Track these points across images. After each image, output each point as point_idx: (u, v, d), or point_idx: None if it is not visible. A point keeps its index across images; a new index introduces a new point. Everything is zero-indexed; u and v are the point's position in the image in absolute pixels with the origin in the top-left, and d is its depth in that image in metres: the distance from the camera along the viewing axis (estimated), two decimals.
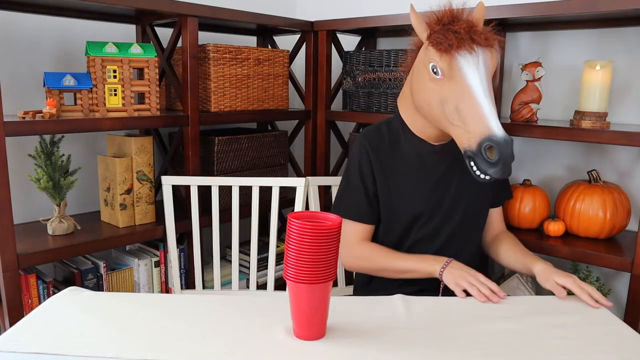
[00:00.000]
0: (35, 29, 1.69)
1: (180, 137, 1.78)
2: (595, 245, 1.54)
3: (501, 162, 1.11)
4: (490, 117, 1.12)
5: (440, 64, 1.16)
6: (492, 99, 1.14)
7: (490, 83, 1.17)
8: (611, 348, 0.88)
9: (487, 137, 1.11)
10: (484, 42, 1.16)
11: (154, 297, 1.09)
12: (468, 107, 1.14)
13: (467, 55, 1.15)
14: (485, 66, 1.16)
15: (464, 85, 1.14)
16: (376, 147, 1.36)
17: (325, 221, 0.89)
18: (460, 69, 1.15)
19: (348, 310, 1.00)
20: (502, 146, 1.10)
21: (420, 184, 1.35)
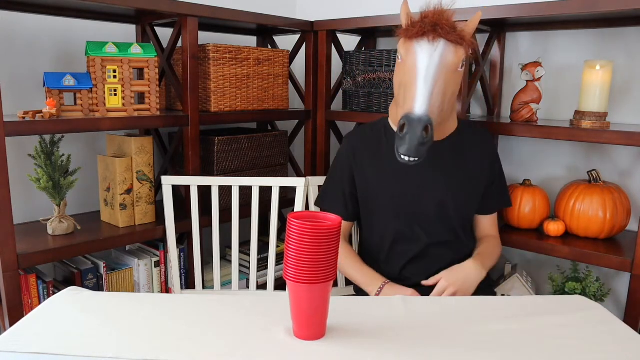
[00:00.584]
0: (35, 29, 1.69)
1: (180, 137, 1.78)
2: (595, 245, 1.54)
3: (407, 138, 1.12)
4: (419, 97, 1.14)
5: (401, 49, 1.22)
6: (432, 85, 1.16)
7: (443, 73, 1.18)
8: (611, 348, 0.88)
9: (405, 114, 1.15)
10: (446, 36, 1.17)
11: (154, 297, 1.09)
12: (407, 88, 1.18)
13: (424, 43, 1.18)
14: (441, 57, 1.18)
15: (411, 68, 1.18)
16: (358, 148, 1.42)
17: (325, 221, 0.89)
18: (414, 53, 1.19)
19: (348, 310, 1.00)
20: (411, 122, 1.12)
21: (398, 185, 1.37)
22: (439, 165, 1.37)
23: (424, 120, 1.12)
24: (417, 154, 1.13)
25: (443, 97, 1.19)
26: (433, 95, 1.16)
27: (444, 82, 1.19)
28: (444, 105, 1.21)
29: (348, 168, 1.43)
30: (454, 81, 1.22)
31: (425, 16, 1.20)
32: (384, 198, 1.38)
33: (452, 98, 1.26)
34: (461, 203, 1.39)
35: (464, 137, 1.42)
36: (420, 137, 1.11)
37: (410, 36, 1.20)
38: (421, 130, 1.11)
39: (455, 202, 1.38)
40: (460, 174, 1.39)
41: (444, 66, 1.18)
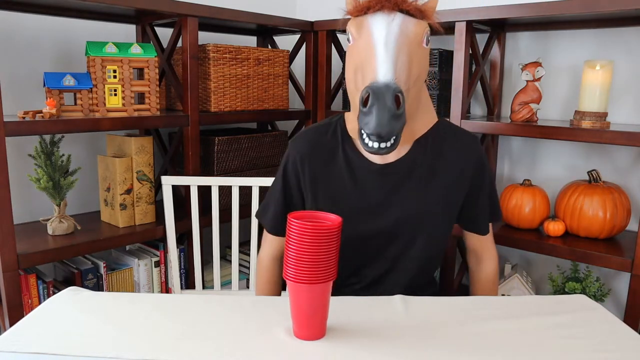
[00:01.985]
0: (35, 29, 1.69)
1: (180, 137, 1.78)
2: (595, 245, 1.54)
3: (374, 110, 0.88)
4: (380, 65, 0.92)
5: (351, 28, 1.01)
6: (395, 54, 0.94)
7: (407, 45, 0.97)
8: (611, 348, 0.88)
9: (367, 85, 0.91)
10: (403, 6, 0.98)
11: (154, 297, 1.09)
12: (367, 63, 0.95)
13: (379, 15, 0.98)
14: (400, 27, 0.97)
15: (367, 41, 0.97)
16: (307, 154, 1.15)
17: (325, 221, 0.89)
18: (369, 27, 0.98)
19: (348, 310, 0.99)
20: (376, 90, 0.88)
21: (356, 198, 1.13)
22: (408, 174, 1.11)
23: (393, 86, 0.88)
24: (389, 129, 0.89)
25: (408, 72, 0.96)
26: (397, 64, 0.93)
27: (408, 53, 0.96)
28: (410, 85, 0.98)
29: (294, 178, 1.17)
30: (418, 57, 0.99)
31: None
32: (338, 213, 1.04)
33: (418, 82, 1.01)
34: (433, 222, 1.14)
35: (443, 141, 1.14)
36: (391, 107, 0.88)
37: (360, 10, 0.99)
38: (391, 98, 0.88)
39: (425, 221, 1.13)
40: (434, 187, 1.13)
41: (405, 35, 0.96)
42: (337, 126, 1.17)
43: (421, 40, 1.00)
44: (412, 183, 1.12)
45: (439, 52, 1.76)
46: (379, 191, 1.12)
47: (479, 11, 1.60)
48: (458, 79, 1.68)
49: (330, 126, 1.18)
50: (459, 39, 1.66)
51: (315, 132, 1.18)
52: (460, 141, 1.15)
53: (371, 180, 1.12)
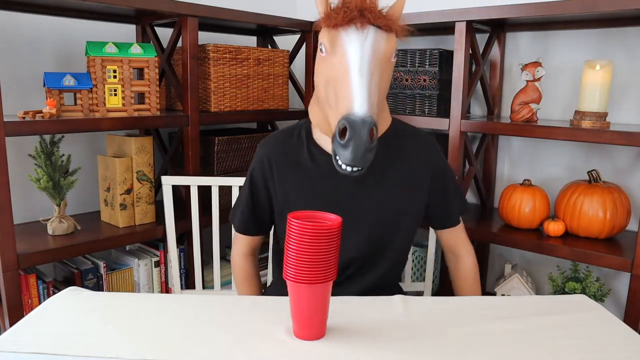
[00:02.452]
0: (35, 29, 1.69)
1: (180, 137, 1.78)
2: (595, 245, 1.54)
3: (351, 144, 0.94)
4: (357, 95, 0.97)
5: (325, 40, 1.04)
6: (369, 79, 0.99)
7: (378, 65, 1.02)
8: (611, 348, 0.88)
9: (344, 116, 0.96)
10: (376, 21, 1.02)
11: (154, 297, 1.09)
12: (341, 85, 1.00)
13: (352, 32, 1.01)
14: (373, 45, 1.01)
15: (342, 62, 1.01)
16: (274, 157, 1.20)
17: (325, 221, 0.89)
18: (342, 44, 1.01)
19: (348, 310, 0.99)
20: (354, 124, 0.94)
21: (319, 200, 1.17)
22: (367, 177, 1.15)
23: (368, 121, 0.94)
24: (364, 162, 0.96)
25: (379, 93, 1.03)
26: (371, 90, 0.99)
27: (379, 75, 1.02)
28: (380, 101, 1.05)
29: (261, 181, 1.22)
30: (387, 73, 1.06)
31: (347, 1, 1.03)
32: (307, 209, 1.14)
33: (385, 92, 1.08)
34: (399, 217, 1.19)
35: (403, 140, 1.21)
36: (366, 142, 0.94)
37: (334, 24, 1.02)
38: (367, 134, 0.94)
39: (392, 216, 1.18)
40: (393, 189, 1.18)
41: (377, 56, 1.02)
42: (301, 128, 1.22)
43: (390, 57, 1.05)
44: (376, 178, 1.16)
45: (439, 52, 1.76)
46: (344, 187, 1.16)
47: (479, 11, 1.60)
48: (458, 79, 1.68)
49: (296, 129, 1.23)
50: (459, 39, 1.66)
51: (281, 135, 1.23)
52: (420, 139, 1.23)
53: (337, 177, 1.15)
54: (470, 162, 1.87)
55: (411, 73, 1.83)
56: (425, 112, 1.82)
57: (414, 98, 1.84)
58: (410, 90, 1.84)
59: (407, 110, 1.86)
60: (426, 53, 1.78)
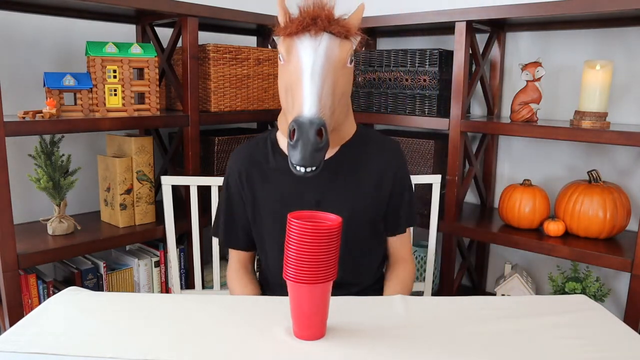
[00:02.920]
0: (35, 29, 1.69)
1: (180, 137, 1.78)
2: (595, 245, 1.54)
3: (299, 145, 0.98)
4: (307, 98, 1.01)
5: (282, 49, 1.09)
6: (321, 84, 1.03)
7: (331, 70, 1.05)
8: (611, 348, 0.88)
9: (294, 119, 1.00)
10: (329, 28, 1.05)
11: (154, 297, 1.09)
12: (296, 90, 1.04)
13: (306, 40, 1.06)
14: (326, 52, 1.05)
15: (296, 68, 1.05)
16: (245, 168, 1.24)
17: (325, 221, 0.89)
18: (297, 52, 1.06)
19: (348, 310, 0.99)
20: (302, 126, 0.98)
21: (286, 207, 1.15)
22: (335, 181, 1.19)
23: (316, 122, 0.98)
24: (312, 162, 0.99)
25: (333, 97, 1.06)
26: (322, 94, 1.02)
27: (333, 80, 1.06)
28: (335, 106, 1.08)
29: (237, 192, 1.26)
30: (343, 78, 1.09)
31: (304, 10, 1.07)
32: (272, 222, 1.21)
33: (343, 98, 1.12)
34: (361, 225, 1.22)
35: (366, 145, 1.25)
36: (314, 142, 0.97)
37: (289, 33, 1.06)
38: (314, 134, 0.97)
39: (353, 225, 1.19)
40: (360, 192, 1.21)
41: (330, 61, 1.05)
42: (267, 139, 1.27)
43: (345, 62, 1.09)
44: (341, 182, 1.20)
45: (439, 52, 1.76)
46: (310, 193, 1.19)
47: (479, 11, 1.60)
48: (458, 79, 1.68)
49: (262, 139, 1.28)
50: (459, 39, 1.66)
51: (249, 146, 1.28)
52: (384, 145, 1.26)
53: (302, 183, 1.18)
54: (470, 162, 1.87)
55: (411, 73, 1.83)
56: (425, 112, 1.82)
57: (414, 98, 1.84)
58: (410, 90, 1.84)
59: (407, 110, 1.86)
60: (426, 53, 1.78)
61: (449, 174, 1.75)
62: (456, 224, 1.76)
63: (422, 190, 1.85)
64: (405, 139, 1.89)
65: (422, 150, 1.86)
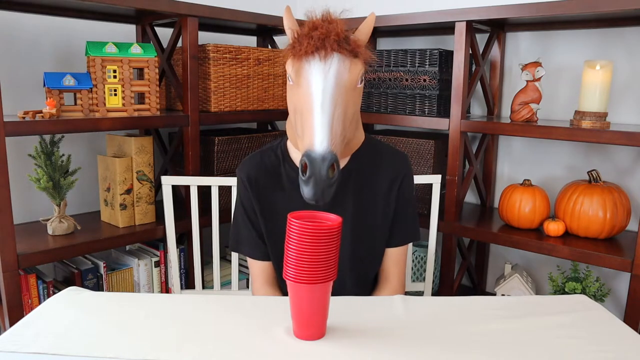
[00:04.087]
0: (35, 29, 1.69)
1: (180, 137, 1.78)
2: (595, 245, 1.54)
3: (311, 181, 0.98)
4: (317, 131, 0.99)
5: (290, 70, 1.07)
6: (332, 112, 1.01)
7: (342, 95, 1.03)
8: (611, 348, 0.88)
9: (305, 152, 0.99)
10: (339, 50, 1.03)
11: (154, 297, 1.09)
12: (305, 118, 1.03)
13: (315, 62, 1.03)
14: (336, 76, 1.03)
15: (305, 94, 1.03)
16: (254, 178, 1.22)
17: (326, 221, 0.89)
18: (306, 76, 1.04)
19: (348, 310, 0.99)
20: (314, 162, 0.97)
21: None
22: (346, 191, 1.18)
23: (328, 158, 0.96)
24: (323, 197, 0.99)
25: (344, 122, 1.04)
26: (334, 123, 1.00)
27: (344, 105, 1.04)
28: (346, 130, 1.06)
29: (247, 201, 1.24)
30: (353, 100, 1.07)
31: (312, 29, 1.05)
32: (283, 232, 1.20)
33: (354, 118, 1.11)
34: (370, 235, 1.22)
35: (376, 155, 1.24)
36: (326, 179, 0.97)
37: (298, 55, 1.04)
38: (326, 171, 0.96)
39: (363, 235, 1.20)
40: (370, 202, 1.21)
41: (341, 87, 1.03)
42: (278, 148, 1.25)
43: (356, 84, 1.07)
44: (351, 193, 1.19)
45: (439, 52, 1.76)
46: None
47: (479, 11, 1.60)
48: (458, 79, 1.68)
49: (272, 149, 1.26)
50: (459, 39, 1.66)
51: (259, 156, 1.26)
52: (393, 156, 1.26)
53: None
54: (470, 162, 1.87)
55: (411, 73, 1.83)
56: (425, 112, 1.82)
57: (414, 98, 1.84)
58: (410, 90, 1.84)
59: (407, 110, 1.86)
60: (426, 53, 1.78)
61: (449, 174, 1.75)
62: (456, 224, 1.76)
63: (422, 190, 1.85)
64: (405, 139, 1.89)
65: (422, 150, 1.86)
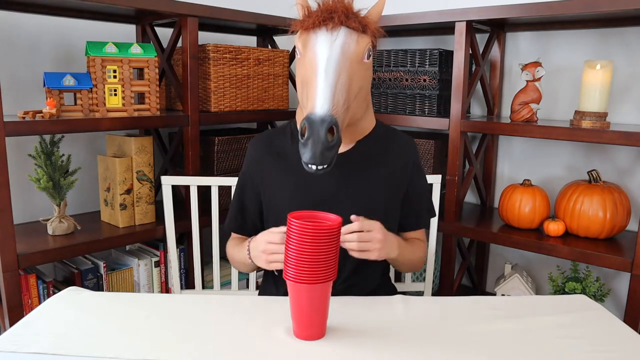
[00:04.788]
0: (35, 29, 1.69)
1: (180, 137, 1.78)
2: (595, 245, 1.54)
3: (309, 143, 0.96)
4: (319, 95, 0.99)
5: (298, 43, 1.08)
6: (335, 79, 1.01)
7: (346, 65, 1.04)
8: (611, 348, 0.88)
9: (306, 116, 0.98)
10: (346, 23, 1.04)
11: (154, 297, 1.09)
12: (309, 86, 1.03)
13: (322, 33, 1.05)
14: (342, 47, 1.03)
15: (311, 63, 1.04)
16: (264, 155, 1.24)
17: (325, 221, 0.89)
18: (313, 46, 1.05)
19: (348, 310, 1.00)
20: (313, 124, 0.96)
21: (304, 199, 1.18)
22: (351, 175, 1.19)
23: (327, 120, 0.96)
24: (322, 160, 0.97)
25: (348, 93, 1.04)
26: (336, 91, 1.01)
27: (348, 75, 1.04)
28: (350, 101, 1.06)
29: (250, 179, 1.25)
30: (360, 74, 1.07)
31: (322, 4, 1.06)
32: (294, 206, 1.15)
33: (361, 93, 1.10)
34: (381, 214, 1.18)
35: (383, 143, 1.25)
36: (324, 140, 0.96)
37: (306, 27, 1.06)
38: (325, 133, 0.96)
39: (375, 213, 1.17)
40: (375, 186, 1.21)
41: (346, 57, 1.04)
42: (288, 127, 1.26)
43: (362, 58, 1.07)
44: (359, 175, 1.19)
45: (439, 52, 1.76)
46: (329, 184, 1.18)
47: (479, 11, 1.60)
48: (458, 79, 1.68)
49: (283, 128, 1.27)
50: (459, 39, 1.66)
51: (270, 134, 1.28)
52: (400, 140, 1.27)
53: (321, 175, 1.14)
54: (470, 162, 1.87)
55: (411, 73, 1.83)
56: (425, 112, 1.82)
57: (414, 98, 1.84)
58: (410, 90, 1.84)
59: (407, 110, 1.86)
60: (426, 53, 1.78)
61: (449, 174, 1.75)
62: (456, 224, 1.76)
63: None
64: None
65: (422, 150, 1.87)
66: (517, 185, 1.72)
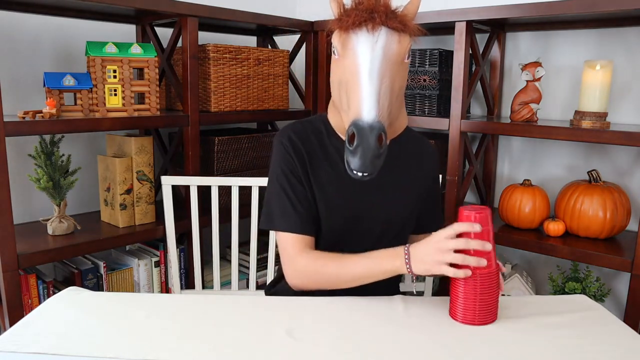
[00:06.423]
0: (35, 29, 1.69)
1: (180, 137, 1.78)
2: (595, 245, 1.54)
3: (359, 151, 0.94)
4: (365, 100, 0.97)
5: (336, 43, 1.04)
6: (379, 83, 0.99)
7: (389, 68, 1.02)
8: (611, 348, 0.88)
9: (353, 122, 0.96)
10: (387, 23, 1.01)
11: (154, 297, 1.09)
12: (352, 89, 1.00)
13: (363, 34, 1.01)
14: (383, 48, 1.01)
15: (352, 65, 1.01)
16: (299, 147, 1.16)
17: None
18: (353, 47, 1.01)
19: (348, 311, 1.00)
20: (362, 131, 0.94)
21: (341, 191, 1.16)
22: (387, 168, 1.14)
23: (377, 128, 0.94)
24: (372, 168, 0.96)
25: (391, 95, 1.02)
26: (381, 95, 0.99)
27: (391, 78, 1.02)
28: (393, 104, 1.04)
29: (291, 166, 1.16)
30: (400, 75, 1.05)
31: (359, 2, 1.02)
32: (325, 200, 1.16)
33: (400, 94, 1.08)
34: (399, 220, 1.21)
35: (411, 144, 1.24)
36: (374, 149, 0.94)
37: (345, 27, 1.02)
38: (375, 141, 0.94)
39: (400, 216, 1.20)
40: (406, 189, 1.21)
41: (388, 59, 1.01)
42: (319, 121, 1.22)
43: (403, 59, 1.05)
44: (390, 177, 1.19)
45: (439, 52, 1.76)
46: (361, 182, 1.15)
47: (479, 11, 1.60)
48: (458, 79, 1.68)
49: (313, 120, 1.22)
50: (459, 39, 1.66)
51: (303, 127, 1.20)
52: (425, 145, 1.28)
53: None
54: (470, 162, 1.87)
55: (411, 73, 1.83)
56: (425, 112, 1.82)
57: (414, 98, 1.84)
58: (410, 90, 1.84)
59: (407, 110, 1.86)
60: (426, 53, 1.78)
61: (449, 174, 1.75)
62: None
63: None
64: None
65: None
66: (517, 185, 1.72)
